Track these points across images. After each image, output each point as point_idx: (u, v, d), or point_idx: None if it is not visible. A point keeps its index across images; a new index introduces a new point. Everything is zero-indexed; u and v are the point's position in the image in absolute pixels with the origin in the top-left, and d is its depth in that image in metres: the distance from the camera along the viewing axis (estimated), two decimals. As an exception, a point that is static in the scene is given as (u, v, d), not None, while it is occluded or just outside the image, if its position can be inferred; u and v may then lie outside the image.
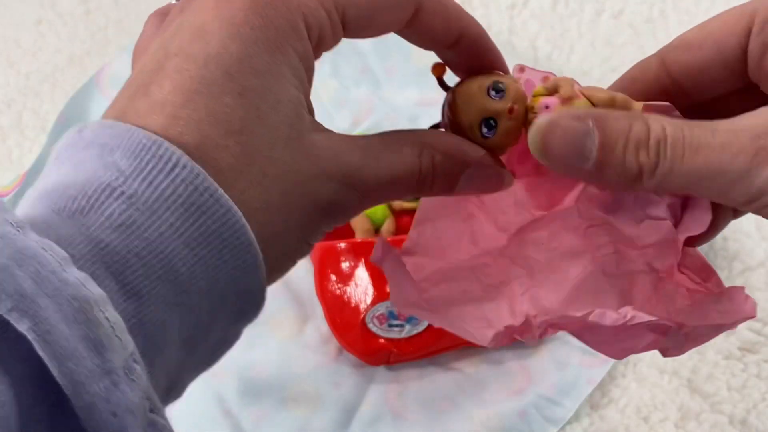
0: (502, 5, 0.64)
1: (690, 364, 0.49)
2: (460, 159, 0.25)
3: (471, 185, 0.25)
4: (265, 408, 0.48)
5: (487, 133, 0.26)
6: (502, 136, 0.26)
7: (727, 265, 0.52)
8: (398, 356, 0.49)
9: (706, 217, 0.27)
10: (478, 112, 0.26)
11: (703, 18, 0.66)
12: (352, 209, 0.24)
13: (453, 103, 0.27)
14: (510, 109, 0.25)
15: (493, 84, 0.26)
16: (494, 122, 0.25)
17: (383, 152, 0.24)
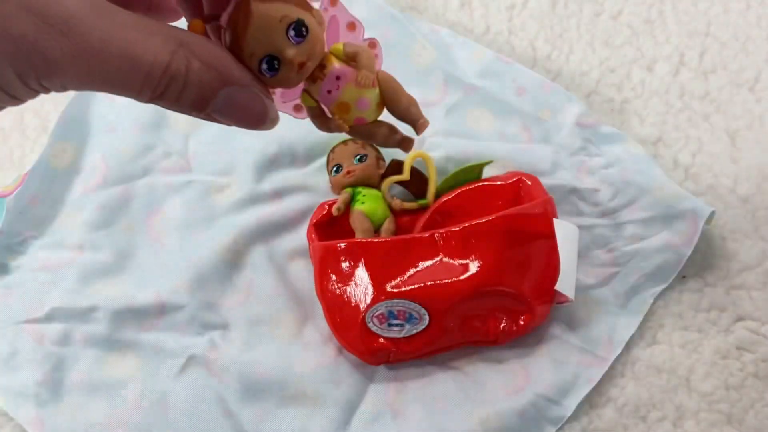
0: (501, 5, 0.64)
1: (687, 364, 0.49)
2: (222, 74, 0.22)
3: (229, 109, 0.23)
4: (265, 407, 0.49)
5: (267, 72, 0.23)
6: (279, 81, 0.23)
7: (724, 265, 0.52)
8: (398, 355, 0.49)
9: None
10: (267, 46, 0.23)
11: (702, 18, 0.66)
12: (57, 61, 0.20)
13: (243, 20, 0.23)
14: (301, 64, 0.23)
15: (296, 23, 0.22)
16: (278, 65, 0.23)
17: (129, 26, 0.21)
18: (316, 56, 0.23)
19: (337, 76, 0.24)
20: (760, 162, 0.56)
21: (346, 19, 0.25)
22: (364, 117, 0.25)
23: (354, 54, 0.24)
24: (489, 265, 0.48)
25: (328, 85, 0.24)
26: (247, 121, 0.24)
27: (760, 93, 0.59)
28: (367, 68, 0.24)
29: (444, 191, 0.53)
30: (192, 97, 0.22)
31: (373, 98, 0.24)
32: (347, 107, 0.24)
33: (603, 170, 0.54)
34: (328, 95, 0.24)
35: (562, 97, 0.57)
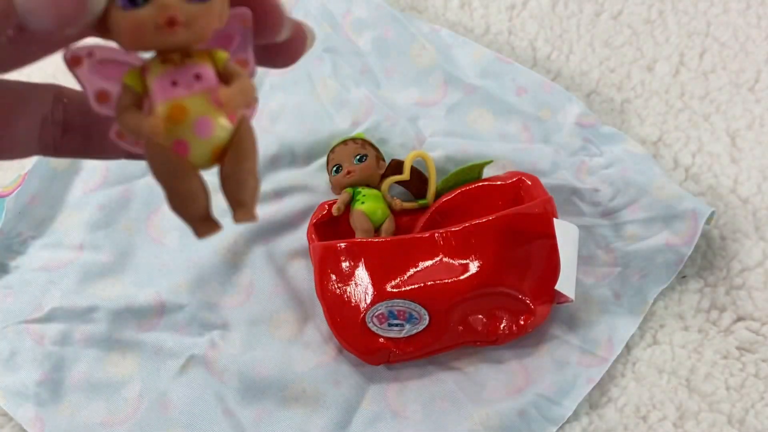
0: (501, 6, 0.64)
1: (688, 364, 0.49)
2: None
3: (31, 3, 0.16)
4: (265, 407, 0.49)
5: (125, 2, 0.16)
6: (127, 23, 0.16)
7: (725, 265, 0.52)
8: (398, 356, 0.49)
9: None
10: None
11: (702, 19, 0.66)
12: None
13: None
14: (172, 20, 0.16)
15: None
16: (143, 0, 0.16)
17: None
18: (197, 33, 0.16)
19: (197, 74, 0.17)
20: (760, 162, 0.56)
21: (241, 52, 0.18)
22: (188, 145, 0.16)
23: (234, 73, 0.17)
24: (489, 265, 0.48)
25: (179, 76, 0.16)
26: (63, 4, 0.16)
27: (760, 93, 0.59)
28: (241, 95, 0.17)
29: (444, 191, 0.53)
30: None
31: (218, 134, 0.17)
32: (182, 116, 0.16)
33: (603, 170, 0.54)
34: (169, 87, 0.16)
35: (562, 97, 0.57)
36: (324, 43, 0.61)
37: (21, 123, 0.21)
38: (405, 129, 0.57)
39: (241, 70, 0.17)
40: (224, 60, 0.17)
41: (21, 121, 0.21)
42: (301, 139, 0.57)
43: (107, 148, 0.21)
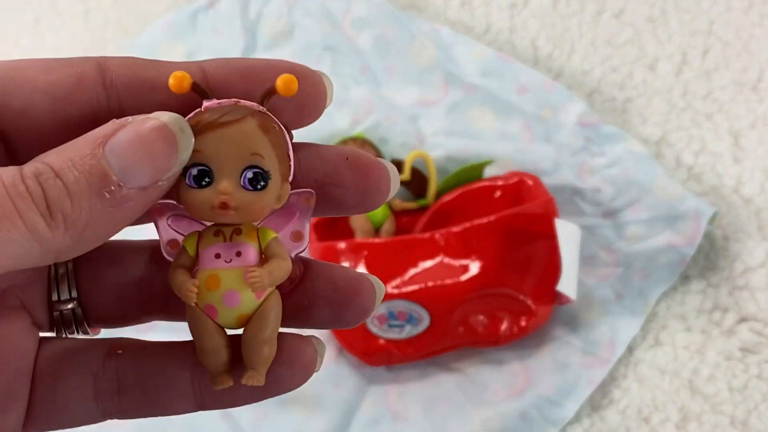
0: (502, 4, 0.64)
1: (691, 365, 0.49)
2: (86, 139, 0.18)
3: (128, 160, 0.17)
4: (264, 408, 0.48)
5: (191, 180, 0.18)
6: (189, 199, 0.19)
7: (728, 266, 0.52)
8: (398, 357, 0.49)
9: None
10: (215, 156, 0.19)
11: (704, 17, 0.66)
12: None
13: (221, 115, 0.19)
14: (224, 205, 0.18)
15: (260, 171, 0.19)
16: (207, 183, 0.18)
17: None
18: (247, 216, 0.19)
19: (239, 251, 0.19)
20: (763, 162, 0.55)
21: (298, 226, 0.21)
22: (217, 310, 0.19)
23: (273, 255, 0.19)
24: (490, 266, 0.47)
25: (223, 250, 0.19)
26: (159, 151, 0.18)
27: (763, 92, 0.58)
28: (270, 276, 0.19)
29: (444, 191, 0.53)
30: (79, 178, 0.17)
31: (243, 306, 0.19)
32: (215, 285, 0.19)
33: (605, 170, 0.54)
34: (212, 258, 0.19)
35: (564, 97, 0.57)
36: (324, 42, 0.61)
37: (71, 379, 0.21)
38: (405, 128, 0.56)
39: (281, 252, 0.19)
40: (269, 240, 0.19)
41: (70, 377, 0.21)
42: (301, 138, 0.56)
43: (170, 404, 0.22)
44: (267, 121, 0.19)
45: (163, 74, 0.20)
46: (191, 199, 0.18)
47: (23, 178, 0.17)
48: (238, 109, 0.19)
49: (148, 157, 0.18)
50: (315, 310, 0.20)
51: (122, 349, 0.21)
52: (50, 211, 0.17)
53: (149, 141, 0.18)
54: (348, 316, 0.21)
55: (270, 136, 0.19)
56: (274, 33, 0.62)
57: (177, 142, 0.18)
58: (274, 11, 0.62)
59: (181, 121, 0.18)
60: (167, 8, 0.66)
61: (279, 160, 0.19)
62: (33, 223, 0.17)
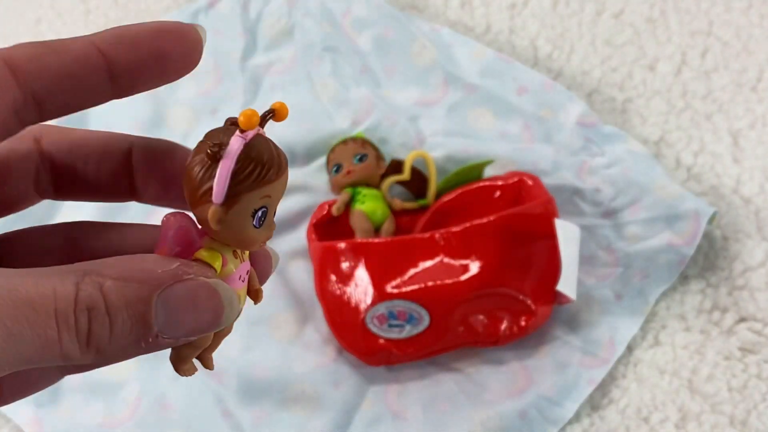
0: (502, 5, 0.64)
1: (690, 365, 0.49)
2: (147, 278, 0.18)
3: (176, 315, 0.18)
4: (265, 408, 0.48)
5: (257, 224, 0.20)
6: (249, 236, 0.20)
7: (727, 266, 0.52)
8: (398, 357, 0.49)
9: None
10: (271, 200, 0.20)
11: (704, 18, 0.66)
12: None
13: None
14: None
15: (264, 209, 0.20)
16: (262, 220, 0.20)
17: (20, 276, 0.17)
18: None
19: (248, 270, 0.21)
20: (762, 162, 0.55)
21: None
22: None
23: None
24: (490, 266, 0.48)
25: (241, 270, 0.21)
26: (206, 317, 0.19)
27: (762, 92, 0.58)
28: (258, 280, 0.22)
29: (444, 191, 0.53)
30: (126, 321, 0.17)
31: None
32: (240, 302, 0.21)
33: (604, 170, 0.54)
34: (238, 280, 0.20)
35: (564, 97, 0.57)
36: (324, 42, 0.61)
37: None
38: (405, 128, 0.56)
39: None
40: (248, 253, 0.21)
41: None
42: (301, 138, 0.56)
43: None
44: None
45: (68, 53, 0.20)
46: (254, 236, 0.20)
47: (76, 308, 0.17)
48: (282, 151, 0.20)
49: (192, 321, 0.18)
50: None
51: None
52: (88, 343, 0.17)
53: (200, 306, 0.18)
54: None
55: None
56: (274, 33, 0.62)
57: (223, 316, 0.19)
58: (274, 11, 0.62)
59: (233, 297, 0.19)
60: (167, 8, 0.66)
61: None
62: (69, 350, 0.17)
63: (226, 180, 0.18)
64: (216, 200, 0.18)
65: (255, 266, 0.22)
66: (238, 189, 0.19)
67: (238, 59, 0.60)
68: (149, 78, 0.21)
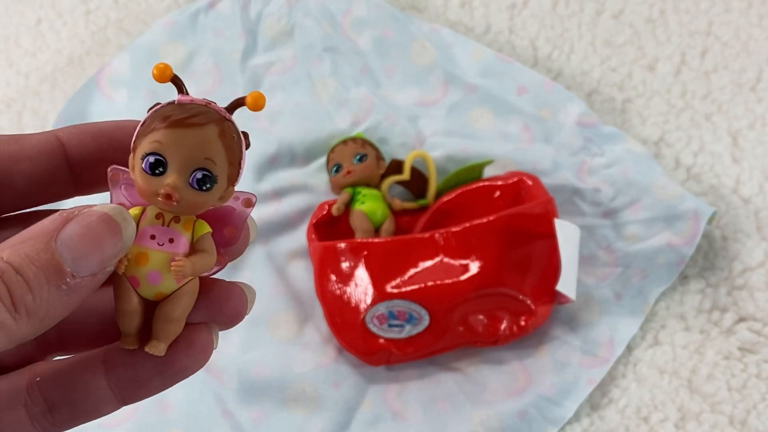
0: (502, 5, 0.64)
1: (690, 365, 0.49)
2: (38, 232, 0.19)
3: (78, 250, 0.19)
4: (264, 408, 0.48)
5: (146, 168, 0.20)
6: (142, 183, 0.20)
7: (727, 266, 0.52)
8: (398, 356, 0.49)
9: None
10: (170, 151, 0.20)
11: (703, 18, 0.66)
12: None
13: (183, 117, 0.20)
14: (168, 196, 0.20)
15: (208, 174, 0.20)
16: (161, 172, 0.20)
17: None
18: (188, 210, 0.21)
19: (172, 238, 0.21)
20: (762, 162, 0.55)
21: (234, 224, 0.22)
22: (139, 282, 0.21)
23: (200, 249, 0.21)
24: (490, 266, 0.48)
25: (159, 233, 0.21)
26: (106, 240, 0.19)
27: (761, 93, 0.58)
28: (192, 267, 0.21)
29: (444, 191, 0.53)
30: (38, 273, 0.18)
31: (163, 286, 0.21)
32: (143, 262, 0.21)
33: (604, 170, 0.54)
34: (147, 237, 0.21)
35: (563, 97, 0.57)
36: (324, 42, 0.61)
37: (4, 415, 0.22)
38: (405, 129, 0.56)
39: (209, 247, 0.21)
40: (201, 233, 0.21)
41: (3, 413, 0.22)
42: (301, 138, 0.56)
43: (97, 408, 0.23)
44: (228, 129, 0.21)
45: (25, 147, 0.21)
46: (143, 182, 0.20)
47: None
48: (205, 112, 0.20)
49: (96, 247, 0.19)
50: (192, 314, 0.22)
51: (39, 376, 0.22)
52: (15, 307, 0.18)
53: (97, 232, 0.19)
54: (223, 319, 0.22)
55: (226, 143, 0.21)
56: (274, 33, 0.62)
57: (121, 230, 0.20)
58: (274, 11, 0.63)
59: (123, 211, 0.20)
60: (168, 8, 0.66)
61: (229, 165, 0.21)
62: (1, 319, 0.18)
63: (135, 134, 0.21)
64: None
65: (227, 303, 0.22)
66: (134, 139, 0.21)
67: (238, 59, 0.60)
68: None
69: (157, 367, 0.21)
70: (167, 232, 0.21)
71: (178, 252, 0.21)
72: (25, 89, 0.63)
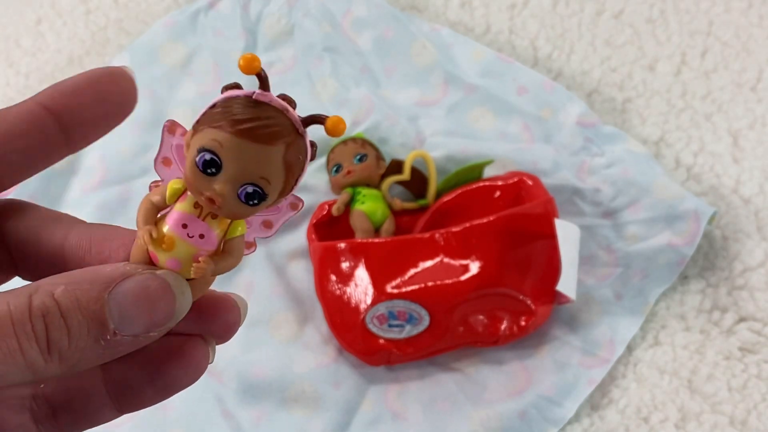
0: (502, 5, 0.64)
1: (690, 365, 0.49)
2: (96, 277, 0.19)
3: (130, 310, 0.19)
4: (265, 408, 0.48)
5: (199, 164, 0.19)
6: (195, 179, 0.19)
7: (727, 266, 0.52)
8: (398, 357, 0.49)
9: None
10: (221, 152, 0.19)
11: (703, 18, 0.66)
12: None
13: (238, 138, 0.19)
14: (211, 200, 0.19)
15: (257, 190, 0.20)
16: (214, 171, 0.19)
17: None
18: (227, 216, 0.20)
19: (203, 234, 0.20)
20: (762, 162, 0.55)
21: (273, 218, 0.22)
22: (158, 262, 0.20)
23: (226, 252, 0.20)
24: (490, 266, 0.48)
25: (192, 223, 0.20)
26: (159, 308, 0.19)
27: (762, 92, 0.58)
28: (214, 269, 0.20)
29: (444, 191, 0.53)
30: (82, 322, 0.18)
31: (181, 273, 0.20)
32: (168, 246, 0.20)
33: (604, 170, 0.54)
34: (179, 225, 0.20)
35: (563, 97, 0.57)
36: (324, 42, 0.61)
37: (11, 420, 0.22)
38: (405, 129, 0.56)
39: (237, 250, 0.21)
40: (234, 235, 0.20)
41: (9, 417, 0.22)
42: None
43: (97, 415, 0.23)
44: (295, 149, 0.20)
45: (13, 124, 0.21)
46: (191, 175, 0.19)
47: (32, 316, 0.18)
48: (278, 125, 0.20)
49: (147, 313, 0.19)
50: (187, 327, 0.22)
51: (43, 382, 0.22)
52: (49, 349, 0.18)
53: (152, 298, 0.19)
54: (216, 331, 0.22)
55: (289, 163, 0.20)
56: (274, 33, 0.62)
57: (176, 304, 0.19)
58: (275, 11, 0.63)
59: (183, 284, 0.20)
60: (168, 8, 0.66)
61: (285, 184, 0.20)
62: (32, 359, 0.18)
63: (202, 113, 0.19)
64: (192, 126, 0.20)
65: (220, 316, 0.22)
66: (199, 120, 0.19)
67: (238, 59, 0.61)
68: (96, 123, 0.22)
69: (149, 376, 0.21)
70: (200, 226, 0.20)
71: (205, 249, 0.20)
72: (25, 89, 0.63)
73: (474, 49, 0.60)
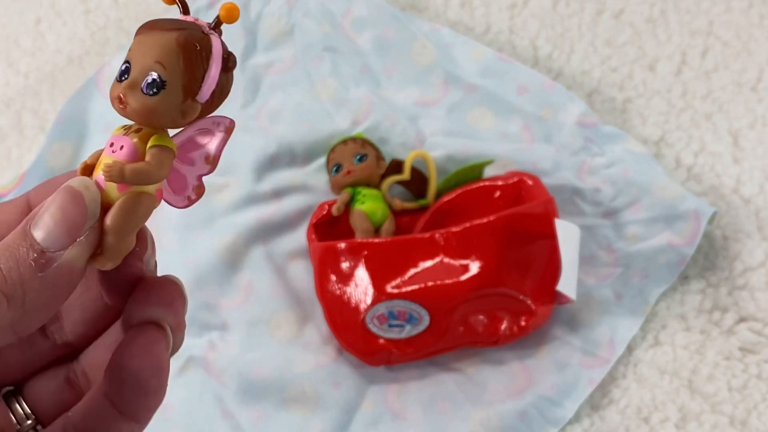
0: (502, 5, 0.64)
1: (690, 365, 0.49)
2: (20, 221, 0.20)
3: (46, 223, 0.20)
4: (264, 408, 0.48)
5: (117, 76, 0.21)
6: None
7: (727, 266, 0.52)
8: (398, 357, 0.49)
9: None
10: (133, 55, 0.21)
11: (704, 17, 0.66)
12: None
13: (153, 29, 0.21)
14: (120, 99, 0.20)
15: (157, 77, 0.20)
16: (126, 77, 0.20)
17: None
18: (141, 118, 0.20)
19: (122, 145, 0.20)
20: (762, 162, 0.55)
21: (211, 149, 0.22)
22: (99, 188, 0.21)
23: (145, 158, 0.20)
24: (490, 266, 0.47)
25: (117, 140, 0.21)
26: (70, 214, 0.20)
27: (762, 92, 0.58)
28: (121, 171, 0.20)
29: (444, 191, 0.53)
30: (11, 253, 0.19)
31: (108, 192, 0.20)
32: (98, 167, 0.21)
33: (604, 170, 0.54)
34: (108, 146, 0.21)
35: (564, 97, 0.57)
36: (324, 42, 0.61)
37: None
38: (405, 129, 0.56)
39: (153, 158, 0.20)
40: (152, 144, 0.21)
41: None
42: (301, 138, 0.56)
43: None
44: (191, 38, 0.21)
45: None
46: (110, 89, 0.20)
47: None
48: (179, 23, 0.21)
49: (62, 218, 0.20)
50: (134, 312, 0.22)
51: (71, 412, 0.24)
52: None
53: (61, 204, 0.20)
54: (161, 307, 0.23)
55: (186, 51, 0.20)
56: (274, 33, 0.62)
57: (84, 198, 0.20)
58: (275, 11, 0.62)
59: (85, 180, 0.20)
60: (168, 8, 0.66)
61: (186, 75, 0.20)
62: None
63: None
64: None
65: (160, 292, 0.23)
66: None
67: (237, 59, 0.60)
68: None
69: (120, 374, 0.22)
70: (123, 140, 0.21)
71: (121, 158, 0.20)
72: (24, 89, 0.63)
73: (474, 48, 0.60)
